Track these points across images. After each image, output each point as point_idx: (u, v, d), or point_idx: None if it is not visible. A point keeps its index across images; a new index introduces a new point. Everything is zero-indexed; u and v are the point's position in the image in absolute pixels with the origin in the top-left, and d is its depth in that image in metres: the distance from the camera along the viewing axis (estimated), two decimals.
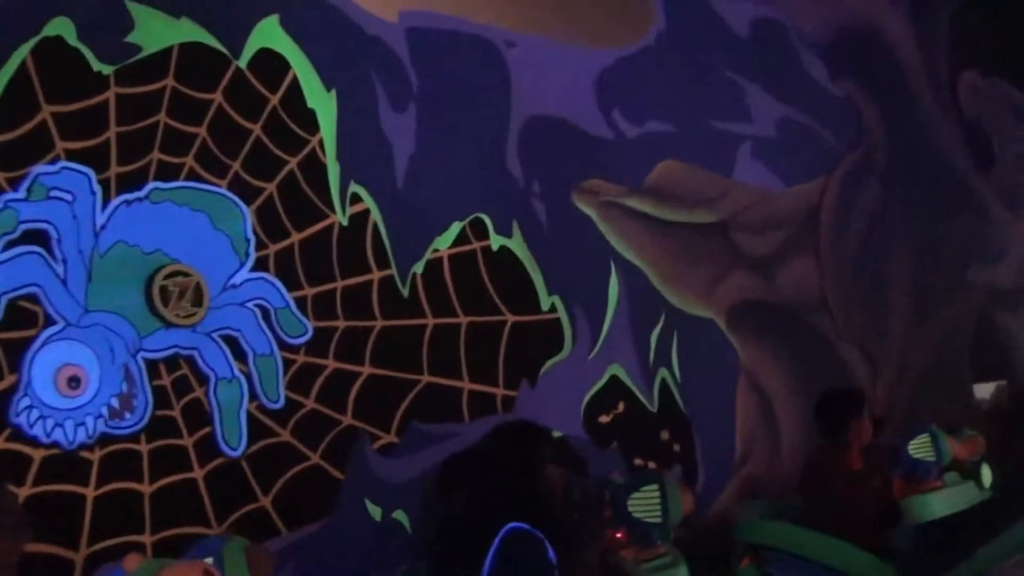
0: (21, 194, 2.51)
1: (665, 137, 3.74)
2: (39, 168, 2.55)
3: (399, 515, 3.05)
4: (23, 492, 2.42)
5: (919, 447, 2.82)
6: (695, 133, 3.84)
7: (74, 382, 2.52)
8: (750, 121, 4.01)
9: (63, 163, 2.59)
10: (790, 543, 2.74)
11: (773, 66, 4.13)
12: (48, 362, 2.48)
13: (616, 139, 3.66)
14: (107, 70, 2.71)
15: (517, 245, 3.41)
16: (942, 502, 2.77)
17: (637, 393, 3.57)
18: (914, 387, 4.12)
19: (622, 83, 3.67)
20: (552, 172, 3.51)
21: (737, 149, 3.97)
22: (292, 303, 2.97)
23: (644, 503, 2.29)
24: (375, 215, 3.17)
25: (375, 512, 3.02)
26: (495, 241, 3.37)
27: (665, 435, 3.59)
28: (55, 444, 2.49)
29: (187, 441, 2.73)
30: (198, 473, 2.74)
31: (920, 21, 4.59)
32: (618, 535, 2.43)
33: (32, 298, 2.51)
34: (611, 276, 3.58)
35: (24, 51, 2.58)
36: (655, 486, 2.29)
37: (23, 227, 2.50)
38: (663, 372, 3.64)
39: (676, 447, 3.59)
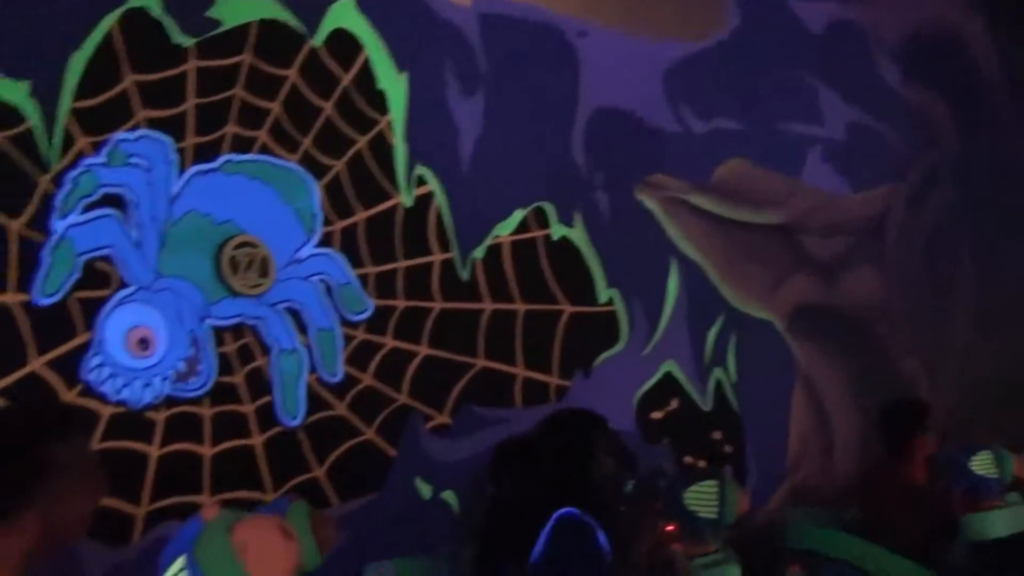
0: (102, 159, 2.58)
1: (733, 135, 3.70)
2: (120, 135, 2.62)
3: (448, 495, 3.08)
4: None
5: (982, 464, 2.75)
6: (764, 132, 3.80)
7: (144, 344, 2.59)
8: (820, 123, 3.95)
9: (142, 131, 2.66)
10: (844, 552, 2.70)
11: (846, 68, 4.06)
12: (120, 323, 2.56)
13: (683, 134, 3.64)
14: (188, 42, 2.78)
15: (578, 235, 3.41)
16: (1003, 521, 2.70)
17: (691, 391, 3.54)
18: (976, 402, 4.02)
19: (692, 78, 3.64)
20: (616, 164, 3.50)
21: (806, 151, 3.91)
22: (355, 280, 3.01)
23: (701, 498, 2.29)
24: (439, 198, 3.20)
25: (425, 491, 3.05)
26: (556, 230, 3.38)
27: (717, 435, 3.56)
28: (123, 402, 2.56)
29: (248, 408, 2.79)
30: (256, 440, 2.79)
31: (1000, 28, 4.46)
32: (669, 528, 2.43)
33: (107, 260, 2.58)
34: (671, 272, 3.56)
35: (110, 21, 2.66)
36: (714, 482, 2.28)
37: (102, 191, 2.57)
38: (718, 372, 3.60)
39: (727, 448, 3.56)
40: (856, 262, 3.96)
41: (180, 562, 0.97)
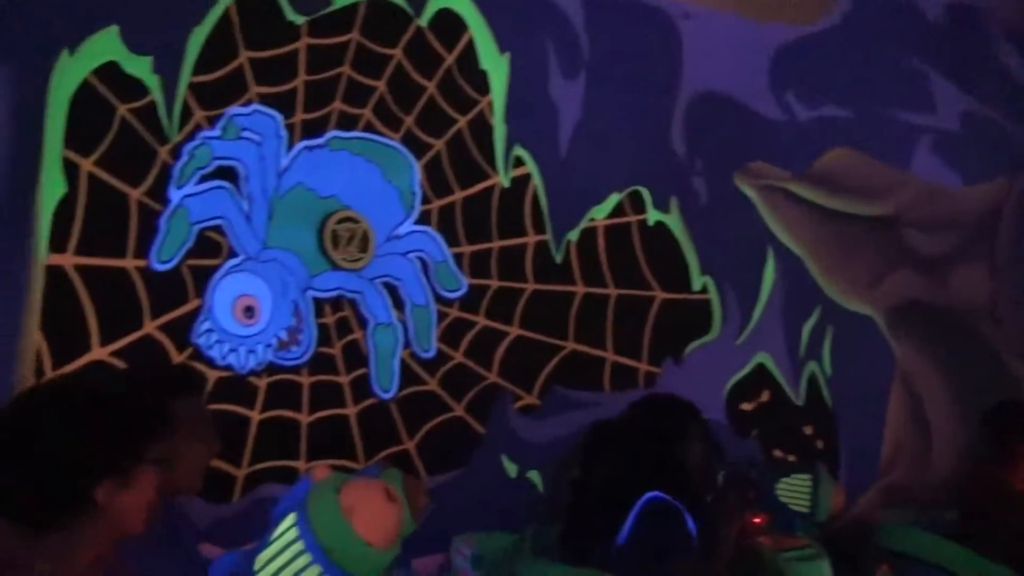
0: (216, 132, 2.68)
1: (840, 123, 3.59)
2: (234, 109, 2.72)
3: (533, 475, 3.11)
4: None
5: None
6: (871, 121, 3.67)
7: (249, 312, 2.69)
8: (933, 112, 3.80)
9: (255, 106, 2.75)
10: (939, 557, 2.61)
11: (964, 55, 3.88)
12: (228, 291, 2.66)
13: (786, 121, 3.55)
14: (300, 20, 2.85)
15: (674, 221, 3.37)
16: None
17: (783, 384, 3.48)
18: None
19: (799, 63, 3.55)
20: (716, 150, 3.44)
21: (916, 141, 3.77)
22: (450, 258, 3.06)
23: (794, 491, 2.25)
24: (536, 179, 3.21)
25: (511, 469, 3.09)
26: (652, 216, 3.35)
27: (808, 430, 3.49)
28: (229, 367, 2.67)
29: (344, 379, 2.87)
30: (351, 410, 2.87)
31: None
32: (756, 520, 2.40)
33: (219, 230, 2.69)
34: (767, 262, 3.49)
35: None
36: (808, 476, 2.24)
37: (216, 163, 2.68)
38: (812, 365, 3.53)
39: (819, 443, 3.48)
40: (964, 259, 3.80)
41: (291, 519, 1.00)
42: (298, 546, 0.98)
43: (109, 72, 2.53)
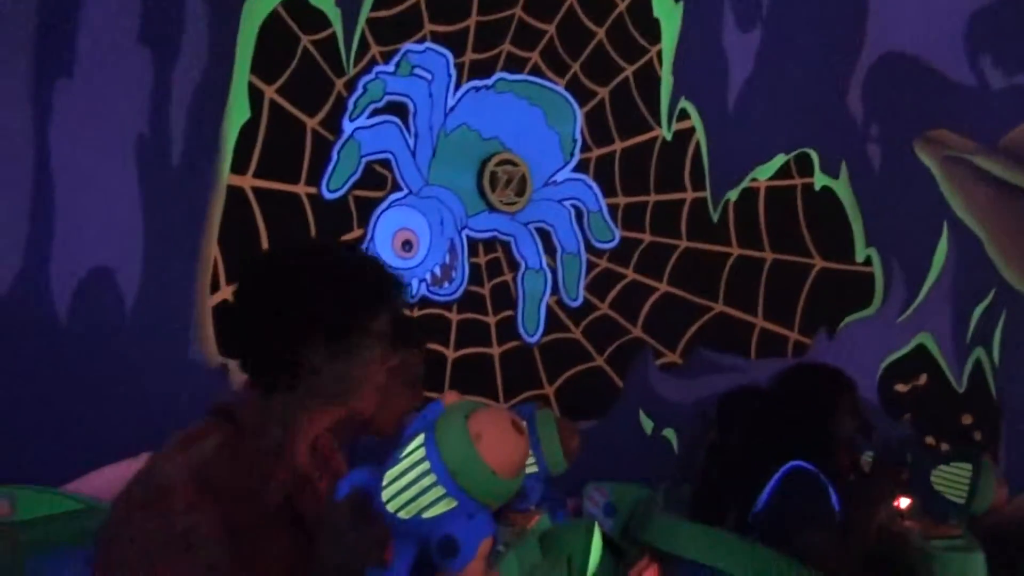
0: (390, 68, 2.75)
1: None
2: (408, 46, 2.77)
3: (668, 433, 3.09)
4: None
5: None
6: None
7: (407, 246, 2.78)
8: None
9: (428, 44, 2.80)
10: None
11: None
12: (390, 223, 2.75)
13: (979, 89, 3.29)
14: None
15: (842, 188, 3.22)
16: None
17: (945, 368, 3.28)
18: None
19: (1001, 26, 3.27)
20: (897, 115, 3.24)
21: None
22: (605, 208, 3.04)
23: (951, 479, 2.13)
24: (699, 134, 3.13)
25: (647, 425, 3.08)
26: (819, 180, 3.21)
27: (967, 419, 3.29)
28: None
29: (491, 319, 2.93)
30: (495, 350, 2.93)
31: None
32: (902, 504, 2.30)
33: (385, 163, 2.77)
34: (941, 238, 3.28)
35: None
36: (968, 465, 2.11)
37: (388, 98, 2.75)
38: (979, 352, 3.31)
39: (977, 435, 3.28)
40: None
41: (419, 439, 1.02)
42: (424, 466, 1.00)
43: (296, 3, 2.63)
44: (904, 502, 2.30)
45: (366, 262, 1.32)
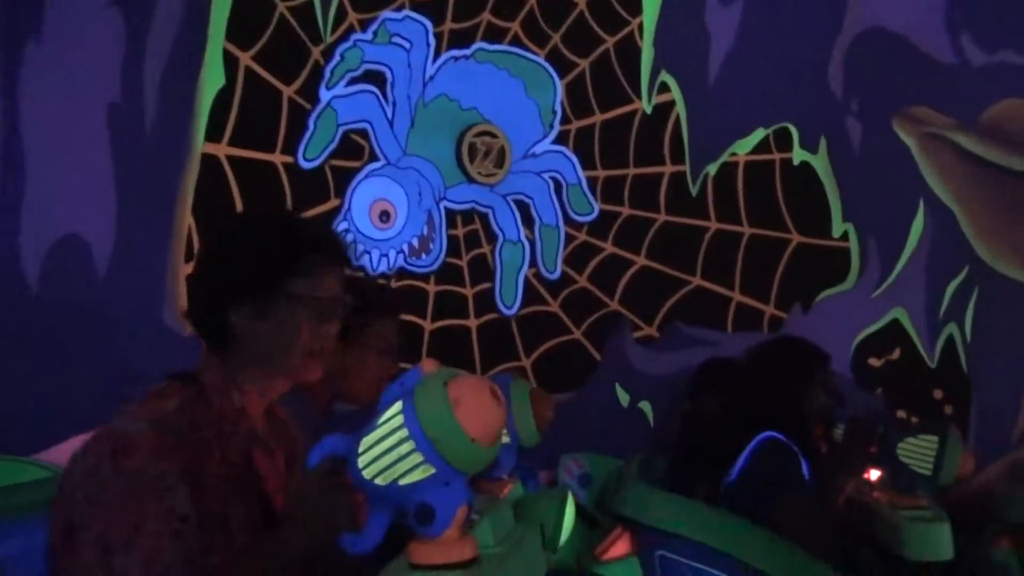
0: (368, 36, 2.72)
1: (1018, 70, 3.30)
2: (387, 13, 2.74)
3: (644, 405, 3.11)
4: None
5: None
6: None
7: (385, 216, 2.76)
8: None
9: (407, 12, 2.77)
10: None
11: None
12: (367, 194, 2.74)
13: (959, 65, 3.29)
14: None
15: (820, 163, 3.22)
16: None
17: (917, 343, 3.32)
18: None
19: (981, 3, 3.26)
20: (877, 91, 3.24)
21: None
22: (584, 181, 3.03)
23: (917, 451, 2.15)
24: (679, 107, 3.12)
25: (623, 398, 3.10)
26: (798, 155, 3.21)
27: (938, 394, 3.33)
28: (361, 268, 2.76)
29: (468, 291, 2.93)
30: (473, 322, 2.93)
31: None
32: (871, 475, 2.33)
33: (362, 133, 2.75)
34: (917, 215, 3.30)
35: None
36: (935, 438, 2.13)
37: (365, 66, 2.72)
38: (952, 328, 3.34)
39: (948, 409, 3.32)
40: None
41: (398, 406, 1.02)
42: (402, 433, 0.99)
43: None
44: (874, 474, 2.33)
45: (297, 228, 1.33)
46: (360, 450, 1.02)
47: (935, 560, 2.01)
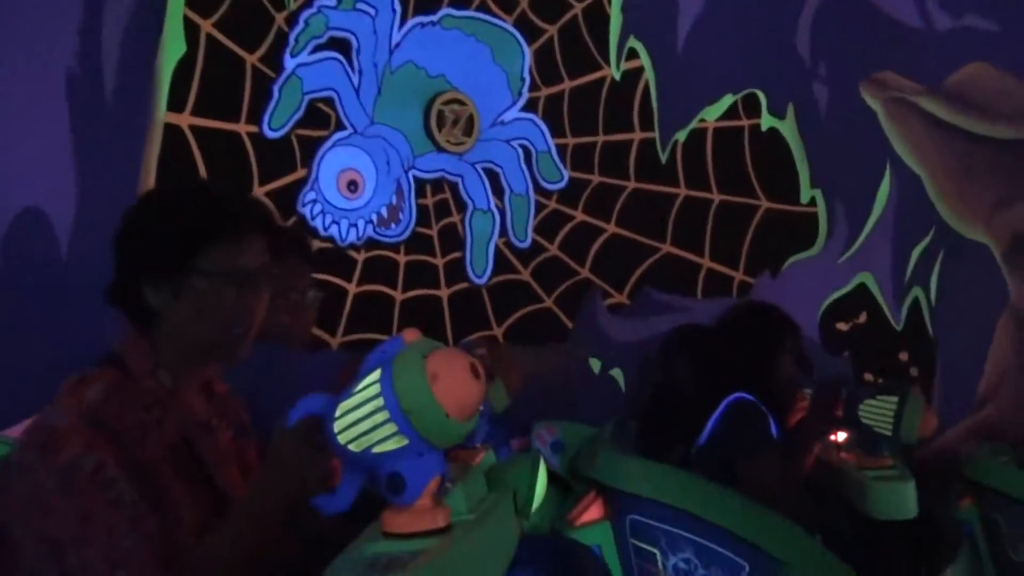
0: (333, 2, 2.67)
1: (983, 36, 3.32)
2: None
3: (616, 373, 3.13)
4: None
5: None
6: (1019, 35, 3.38)
7: (353, 186, 2.73)
8: None
9: None
10: None
11: None
12: (334, 163, 2.70)
13: (925, 30, 3.30)
14: None
15: (788, 129, 3.23)
16: None
17: (884, 307, 3.36)
18: None
19: None
20: (844, 57, 3.25)
21: None
22: (554, 149, 3.02)
23: (878, 412, 2.20)
24: (648, 74, 3.10)
25: (595, 365, 3.11)
26: (766, 121, 3.21)
27: (904, 356, 3.39)
28: (330, 238, 2.74)
29: (439, 261, 2.91)
30: (444, 292, 2.92)
31: None
32: (837, 437, 2.37)
33: (328, 102, 2.71)
34: (884, 180, 3.32)
35: None
36: (895, 398, 2.18)
37: (330, 33, 2.68)
38: (917, 291, 3.39)
39: (913, 371, 3.38)
40: None
41: (376, 374, 1.01)
42: (378, 402, 0.99)
43: None
44: (841, 436, 2.37)
45: (208, 201, 1.30)
46: (336, 414, 1.02)
47: (900, 518, 2.06)
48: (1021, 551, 2.56)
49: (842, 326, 3.34)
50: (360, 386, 1.01)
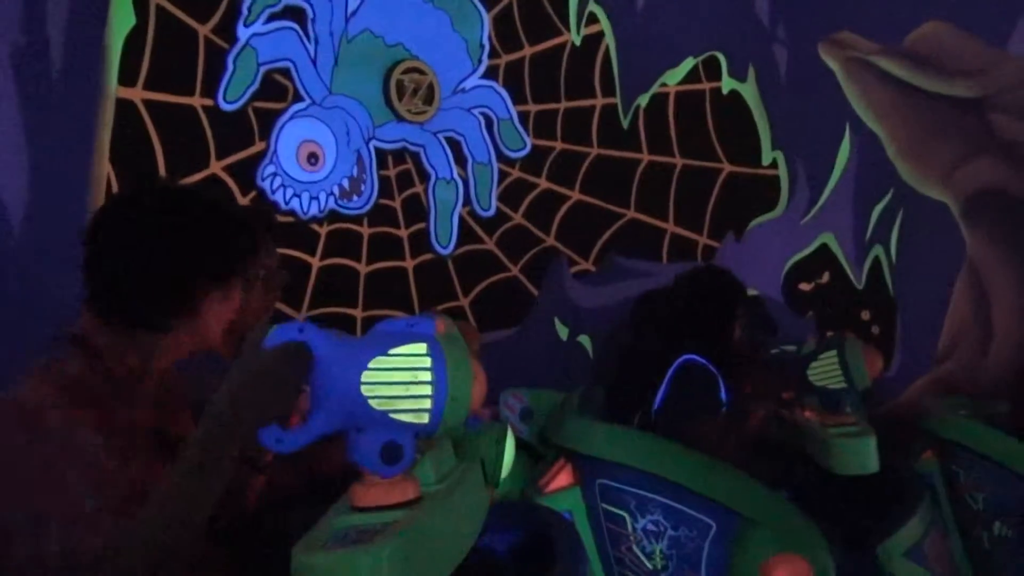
0: None
1: None
2: None
3: (583, 339, 3.15)
4: None
5: None
6: None
7: (313, 159, 2.69)
8: None
9: None
10: (988, 447, 2.61)
11: None
12: (293, 135, 2.65)
13: None
14: None
15: (749, 91, 3.24)
16: None
17: (845, 266, 3.41)
18: None
19: None
20: (803, 17, 3.26)
21: (1017, 18, 3.50)
22: (516, 116, 2.99)
23: (824, 370, 2.24)
24: (608, 38, 3.09)
25: (562, 332, 3.13)
26: (727, 84, 3.22)
27: (866, 315, 3.44)
28: (292, 212, 2.70)
29: (403, 232, 2.89)
30: (408, 263, 2.90)
31: None
32: (786, 395, 2.41)
33: (285, 72, 2.66)
34: (843, 140, 3.36)
35: None
36: (833, 351, 2.22)
37: (284, 2, 2.61)
38: (878, 249, 3.44)
39: (875, 329, 3.44)
40: None
41: (424, 348, 1.03)
42: (427, 375, 1.02)
43: None
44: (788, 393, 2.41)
45: (239, 210, 1.40)
46: (370, 365, 1.01)
47: (862, 473, 2.11)
48: (979, 500, 2.63)
49: (805, 287, 3.38)
50: (400, 351, 1.03)
